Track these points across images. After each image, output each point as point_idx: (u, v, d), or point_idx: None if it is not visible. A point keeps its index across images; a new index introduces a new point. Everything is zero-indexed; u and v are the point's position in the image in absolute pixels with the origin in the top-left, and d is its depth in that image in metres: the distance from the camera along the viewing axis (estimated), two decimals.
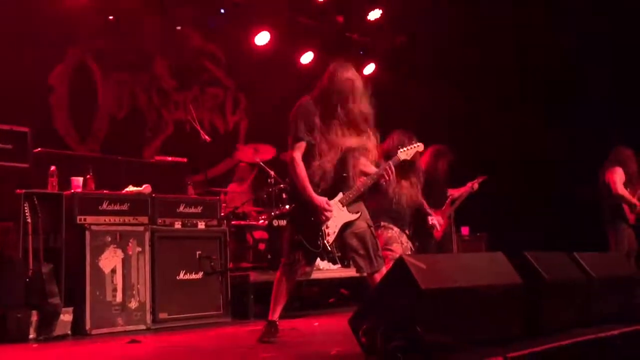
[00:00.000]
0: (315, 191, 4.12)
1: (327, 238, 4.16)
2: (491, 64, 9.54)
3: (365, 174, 4.38)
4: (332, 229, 4.18)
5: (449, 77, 9.91)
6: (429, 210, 6.31)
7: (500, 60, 9.49)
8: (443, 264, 3.42)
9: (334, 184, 4.23)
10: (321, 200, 4.12)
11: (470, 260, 3.78)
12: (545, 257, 3.93)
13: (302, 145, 4.14)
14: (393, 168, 4.40)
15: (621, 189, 6.93)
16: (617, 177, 6.98)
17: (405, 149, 4.63)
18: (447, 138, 6.84)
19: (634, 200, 6.96)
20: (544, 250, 4.08)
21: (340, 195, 4.23)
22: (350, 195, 4.25)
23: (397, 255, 4.82)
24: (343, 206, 4.23)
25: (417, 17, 9.48)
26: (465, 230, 9.13)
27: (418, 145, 4.74)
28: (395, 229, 5.45)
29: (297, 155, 4.14)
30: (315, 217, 4.13)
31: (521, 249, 3.90)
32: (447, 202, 6.87)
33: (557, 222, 8.88)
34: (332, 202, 4.18)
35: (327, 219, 4.14)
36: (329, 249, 4.18)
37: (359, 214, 4.27)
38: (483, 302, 3.36)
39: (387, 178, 4.36)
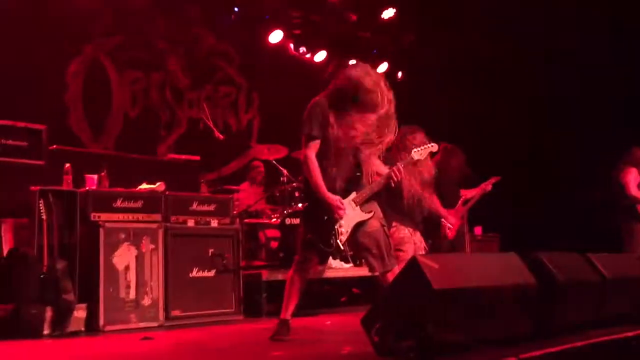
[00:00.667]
0: (328, 189, 4.13)
1: (340, 237, 4.16)
2: (504, 64, 9.51)
3: (379, 174, 4.37)
4: (345, 227, 4.18)
5: (461, 76, 9.89)
6: (442, 211, 6.30)
7: (513, 61, 9.45)
8: (456, 264, 3.41)
9: (348, 183, 4.22)
10: (335, 198, 4.12)
11: (484, 260, 3.76)
12: (558, 258, 3.90)
13: (316, 144, 4.14)
14: (402, 170, 4.39)
15: (634, 190, 6.89)
16: (631, 178, 6.94)
17: (419, 149, 4.62)
18: (460, 138, 6.82)
19: None
20: (557, 250, 4.06)
21: (354, 194, 4.23)
22: (364, 195, 4.25)
23: (408, 257, 4.82)
24: (356, 205, 4.22)
25: (430, 16, 9.45)
26: (478, 230, 9.10)
27: (432, 146, 4.72)
28: (408, 228, 5.45)
29: (311, 153, 4.13)
30: (328, 216, 4.13)
31: (534, 249, 3.88)
32: (460, 201, 6.84)
33: (570, 223, 8.84)
34: (345, 201, 4.18)
35: (340, 217, 4.14)
36: (342, 247, 4.18)
37: (372, 213, 4.26)
38: (496, 303, 3.34)
39: (398, 178, 4.35)
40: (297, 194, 7.06)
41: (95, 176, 5.54)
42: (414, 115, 5.19)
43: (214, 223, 5.98)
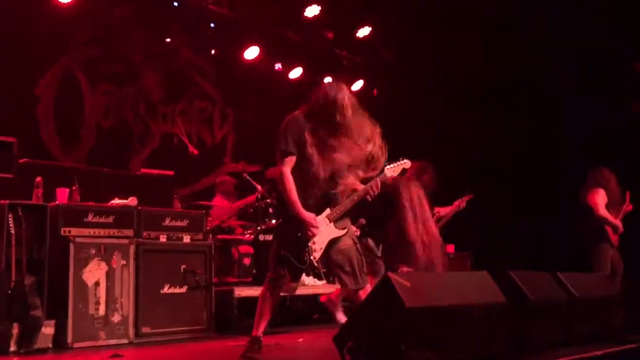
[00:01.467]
0: (302, 206, 4.13)
1: (314, 254, 4.16)
2: (477, 81, 9.64)
3: (354, 191, 4.39)
4: (318, 244, 4.18)
5: (436, 94, 10.00)
6: None
7: (487, 77, 9.58)
8: (428, 283, 3.43)
9: (322, 200, 4.23)
10: (309, 216, 4.12)
11: (456, 278, 3.79)
12: (529, 277, 3.95)
13: (291, 160, 4.15)
14: (379, 185, 4.42)
15: (603, 211, 6.90)
16: (600, 199, 6.95)
17: (391, 165, 4.65)
18: (433, 155, 6.87)
19: (617, 222, 6.95)
20: (528, 269, 4.11)
21: (328, 210, 4.24)
22: (338, 211, 4.26)
23: None
24: (330, 222, 4.23)
25: (405, 34, 9.54)
26: (450, 249, 9.14)
27: (404, 162, 4.76)
28: None
29: (286, 169, 4.14)
30: (302, 233, 4.13)
31: (506, 267, 3.92)
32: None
33: (541, 241, 8.93)
34: (319, 217, 4.18)
35: (314, 235, 4.14)
36: (315, 265, 4.18)
37: (345, 230, 4.28)
38: (468, 321, 3.37)
39: (373, 195, 4.38)
40: (270, 210, 7.05)
41: (67, 190, 5.48)
42: (387, 131, 5.22)
43: (187, 239, 5.94)
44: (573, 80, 8.99)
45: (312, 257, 4.16)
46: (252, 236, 6.97)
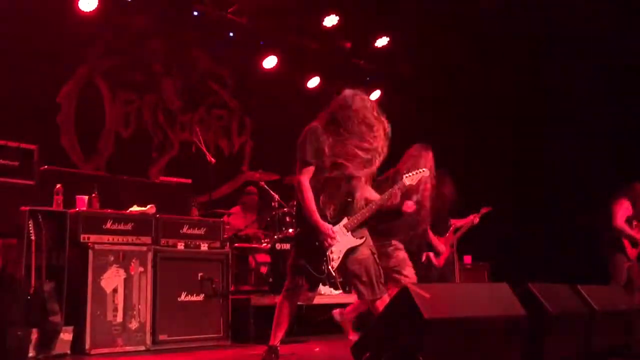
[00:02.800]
0: (321, 215, 4.13)
1: (332, 263, 4.16)
2: (494, 94, 9.62)
3: (370, 200, 4.38)
4: (336, 254, 4.18)
5: (453, 105, 9.98)
6: (432, 238, 6.30)
7: (503, 90, 9.55)
8: (447, 294, 3.41)
9: (340, 209, 4.23)
10: (327, 226, 4.13)
11: (475, 290, 3.77)
12: (548, 289, 3.92)
13: (310, 170, 4.15)
14: (398, 194, 4.42)
15: (621, 222, 6.84)
16: (621, 210, 6.91)
17: (410, 174, 4.64)
18: (451, 166, 6.85)
19: (635, 235, 6.87)
20: (545, 280, 4.07)
21: (345, 220, 4.24)
22: (355, 221, 4.26)
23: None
24: (347, 231, 4.23)
25: (424, 45, 9.55)
26: (467, 259, 9.10)
27: (423, 171, 4.74)
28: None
29: (305, 179, 4.15)
30: (320, 242, 4.13)
31: (522, 279, 3.89)
32: (450, 230, 6.86)
33: (559, 253, 8.86)
34: (336, 227, 4.18)
35: (332, 245, 4.14)
36: (333, 274, 4.17)
37: (363, 239, 4.27)
38: (487, 333, 3.34)
39: (395, 202, 4.39)
40: (287, 219, 7.05)
41: (86, 197, 5.52)
42: (405, 142, 5.22)
43: (204, 247, 5.95)
44: (596, 91, 8.93)
45: (330, 267, 4.15)
46: (269, 245, 6.97)
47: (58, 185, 5.44)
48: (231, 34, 9.17)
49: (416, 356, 2.99)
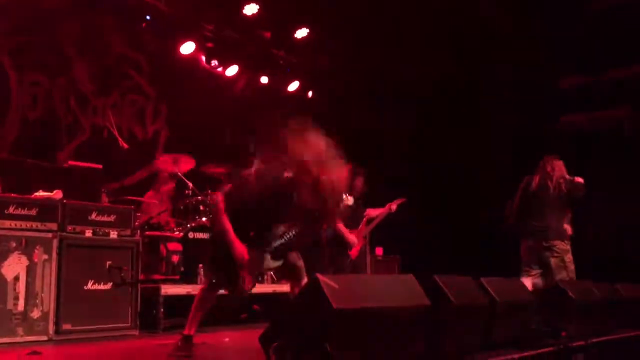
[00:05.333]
0: (243, 234, 4.04)
1: (246, 285, 4.09)
2: (410, 87, 9.83)
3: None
4: (251, 274, 4.10)
5: (369, 96, 10.14)
6: (344, 230, 6.39)
7: (419, 84, 9.78)
8: (356, 285, 3.47)
9: (261, 231, 4.18)
10: (241, 250, 4.03)
11: (383, 281, 3.84)
12: (453, 281, 4.04)
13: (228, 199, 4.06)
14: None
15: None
16: None
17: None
18: (365, 158, 6.95)
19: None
20: (453, 273, 4.21)
21: (268, 244, 4.19)
22: (278, 247, 4.21)
23: None
24: (268, 254, 4.19)
25: (343, 37, 9.63)
26: (379, 251, 9.28)
27: (347, 199, 4.66)
28: None
29: (222, 202, 4.05)
30: (235, 264, 4.04)
31: (432, 271, 4.01)
32: (363, 221, 6.96)
33: (469, 246, 9.18)
34: (257, 251, 4.12)
35: (245, 267, 4.05)
36: (246, 291, 4.13)
37: (281, 261, 4.26)
38: (393, 323, 3.42)
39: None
40: (201, 208, 6.98)
41: None
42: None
43: (114, 234, 5.81)
44: (503, 93, 9.29)
45: (242, 285, 4.10)
46: (182, 234, 6.88)
47: None
48: (148, 18, 8.94)
49: (324, 345, 3.03)
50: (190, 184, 7.18)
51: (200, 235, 6.84)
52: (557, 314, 4.93)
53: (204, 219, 6.84)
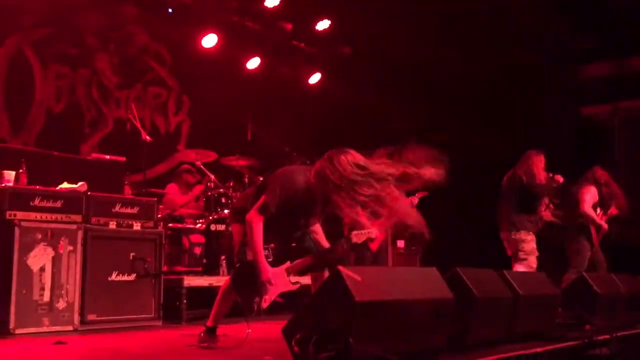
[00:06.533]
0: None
1: (263, 304, 4.09)
2: (435, 76, 9.77)
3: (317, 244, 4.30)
4: (270, 296, 4.08)
5: (394, 89, 10.08)
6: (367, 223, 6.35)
7: (444, 73, 9.71)
8: (378, 277, 3.46)
9: (283, 249, 4.20)
10: (268, 272, 3.99)
11: (405, 274, 3.84)
12: (476, 274, 4.03)
13: (268, 214, 3.97)
14: (345, 248, 4.37)
15: (588, 209, 6.93)
16: (588, 196, 6.98)
17: (359, 232, 4.56)
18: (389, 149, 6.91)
19: (600, 222, 6.98)
20: (474, 266, 4.19)
21: (288, 263, 4.16)
22: (297, 267, 4.17)
23: None
24: (288, 275, 4.16)
25: (365, 29, 9.58)
26: (400, 244, 9.25)
27: (370, 232, 4.66)
28: None
29: (260, 221, 3.95)
30: (257, 281, 4.02)
31: (452, 264, 3.99)
32: None
33: (491, 240, 9.10)
34: (278, 269, 4.09)
35: (268, 289, 4.03)
36: (260, 311, 4.12)
37: (298, 284, 4.21)
38: (415, 316, 3.42)
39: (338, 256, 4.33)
40: (223, 200, 7.01)
41: (13, 172, 5.33)
42: (345, 124, 5.24)
43: (137, 226, 5.85)
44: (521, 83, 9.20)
45: (260, 306, 4.10)
46: (204, 226, 6.92)
47: None
48: (170, 10, 8.97)
49: (346, 337, 3.03)
50: (212, 176, 7.21)
51: (222, 228, 6.87)
52: (582, 307, 4.89)
53: (225, 211, 6.87)
